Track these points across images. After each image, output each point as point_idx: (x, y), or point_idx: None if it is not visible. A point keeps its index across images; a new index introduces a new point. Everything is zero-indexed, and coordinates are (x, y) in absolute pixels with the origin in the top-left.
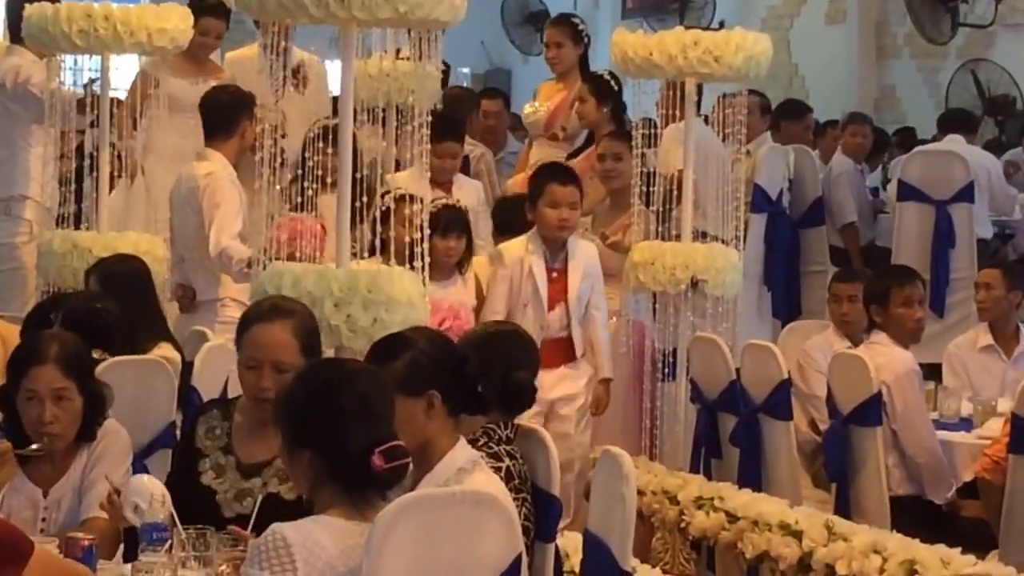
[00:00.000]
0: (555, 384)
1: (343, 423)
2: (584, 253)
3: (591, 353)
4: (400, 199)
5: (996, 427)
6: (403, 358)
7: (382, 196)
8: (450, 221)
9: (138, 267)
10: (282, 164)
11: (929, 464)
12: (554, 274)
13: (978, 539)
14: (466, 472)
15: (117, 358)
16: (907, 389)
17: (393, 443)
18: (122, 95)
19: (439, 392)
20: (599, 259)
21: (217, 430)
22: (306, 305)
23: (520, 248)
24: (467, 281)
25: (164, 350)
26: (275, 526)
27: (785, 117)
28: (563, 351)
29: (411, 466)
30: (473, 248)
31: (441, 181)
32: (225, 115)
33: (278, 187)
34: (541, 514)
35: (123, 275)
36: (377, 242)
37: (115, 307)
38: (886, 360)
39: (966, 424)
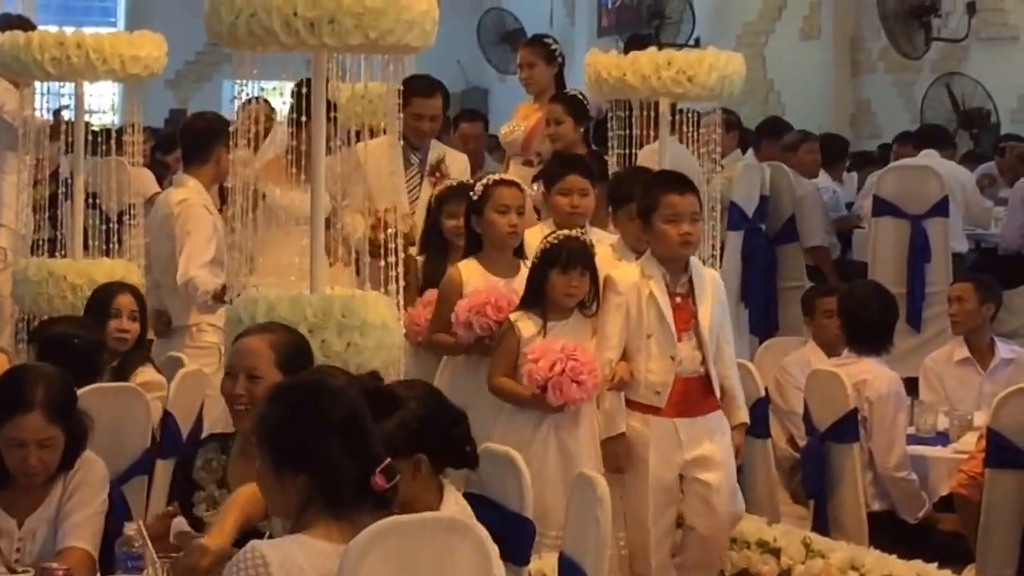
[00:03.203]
0: (696, 439)
1: (339, 443)
2: (711, 277)
3: (723, 395)
4: (495, 183)
5: (972, 441)
6: (393, 419)
7: (472, 182)
8: (572, 254)
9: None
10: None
11: (900, 486)
12: (678, 299)
13: (955, 554)
14: None
15: (93, 385)
16: (889, 409)
17: (388, 461)
18: (96, 120)
19: (427, 454)
20: None
21: (214, 463)
22: (298, 332)
23: (634, 273)
24: (593, 320)
25: (147, 374)
26: (254, 543)
27: (765, 136)
28: (701, 393)
29: None
30: (599, 286)
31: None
32: (200, 141)
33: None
34: (513, 536)
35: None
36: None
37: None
38: (872, 378)
39: (943, 438)
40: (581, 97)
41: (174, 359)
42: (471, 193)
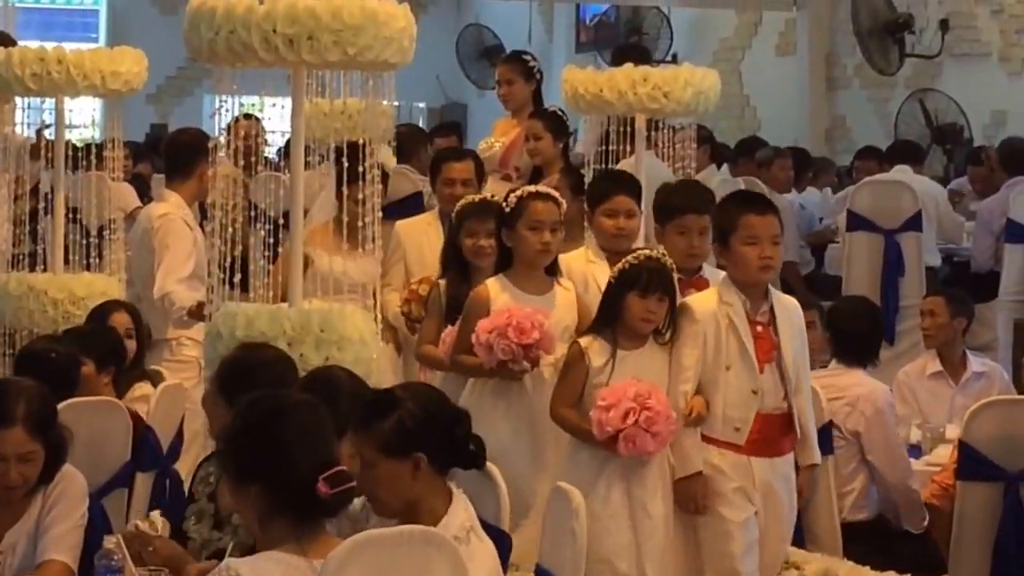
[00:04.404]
0: (767, 482)
1: (288, 455)
2: (791, 306)
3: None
4: (530, 196)
5: (945, 454)
6: (390, 419)
7: (505, 195)
8: (653, 276)
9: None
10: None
11: (907, 496)
12: (759, 328)
13: (928, 564)
14: (460, 542)
15: (73, 400)
16: (887, 424)
17: (337, 468)
18: (77, 135)
19: (426, 454)
20: None
21: (211, 477)
22: (248, 350)
23: (712, 299)
24: (666, 349)
25: (145, 390)
26: (230, 561)
27: (743, 153)
28: (781, 431)
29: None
30: (676, 312)
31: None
32: (184, 156)
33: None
34: None
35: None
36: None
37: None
38: (866, 391)
39: (915, 451)
40: (560, 113)
41: (155, 373)
42: (504, 204)
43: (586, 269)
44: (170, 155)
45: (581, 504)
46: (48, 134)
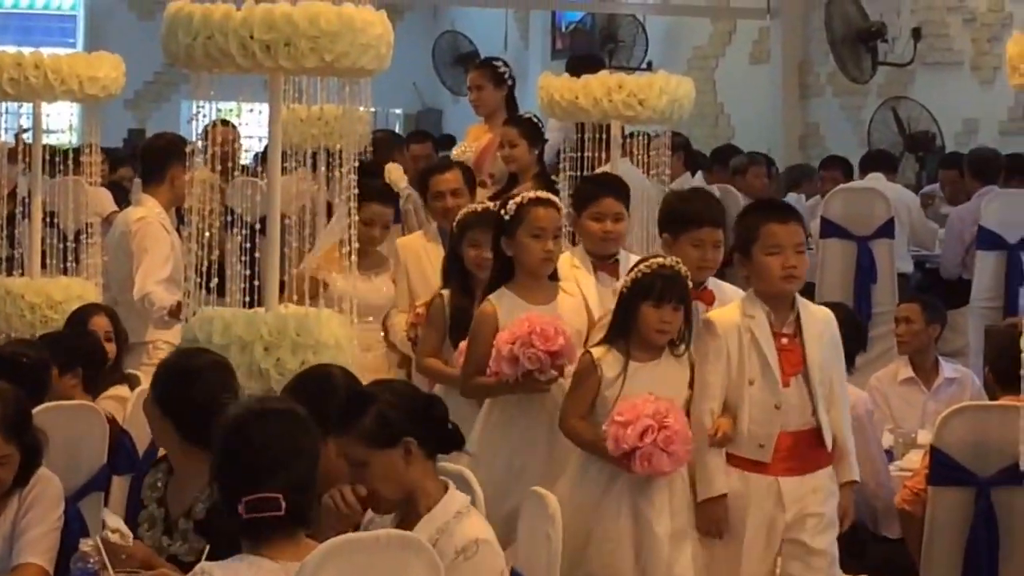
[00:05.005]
0: (801, 499)
1: (234, 465)
2: (822, 316)
3: (833, 447)
4: (531, 202)
5: (916, 459)
6: (369, 413)
7: (504, 202)
8: (667, 285)
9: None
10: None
11: (886, 502)
12: (784, 340)
13: (902, 568)
14: (463, 515)
15: (49, 404)
16: (867, 430)
17: (262, 495)
18: (54, 140)
19: (414, 438)
20: None
21: (159, 483)
22: (185, 357)
23: (734, 313)
24: (682, 361)
25: (123, 392)
26: (205, 565)
27: (717, 161)
28: (811, 447)
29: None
30: (692, 322)
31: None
32: (157, 161)
33: None
34: None
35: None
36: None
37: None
38: (851, 398)
39: (887, 456)
40: (536, 120)
41: (133, 376)
42: (503, 211)
43: (570, 274)
44: (146, 160)
45: (557, 509)
46: (26, 138)
